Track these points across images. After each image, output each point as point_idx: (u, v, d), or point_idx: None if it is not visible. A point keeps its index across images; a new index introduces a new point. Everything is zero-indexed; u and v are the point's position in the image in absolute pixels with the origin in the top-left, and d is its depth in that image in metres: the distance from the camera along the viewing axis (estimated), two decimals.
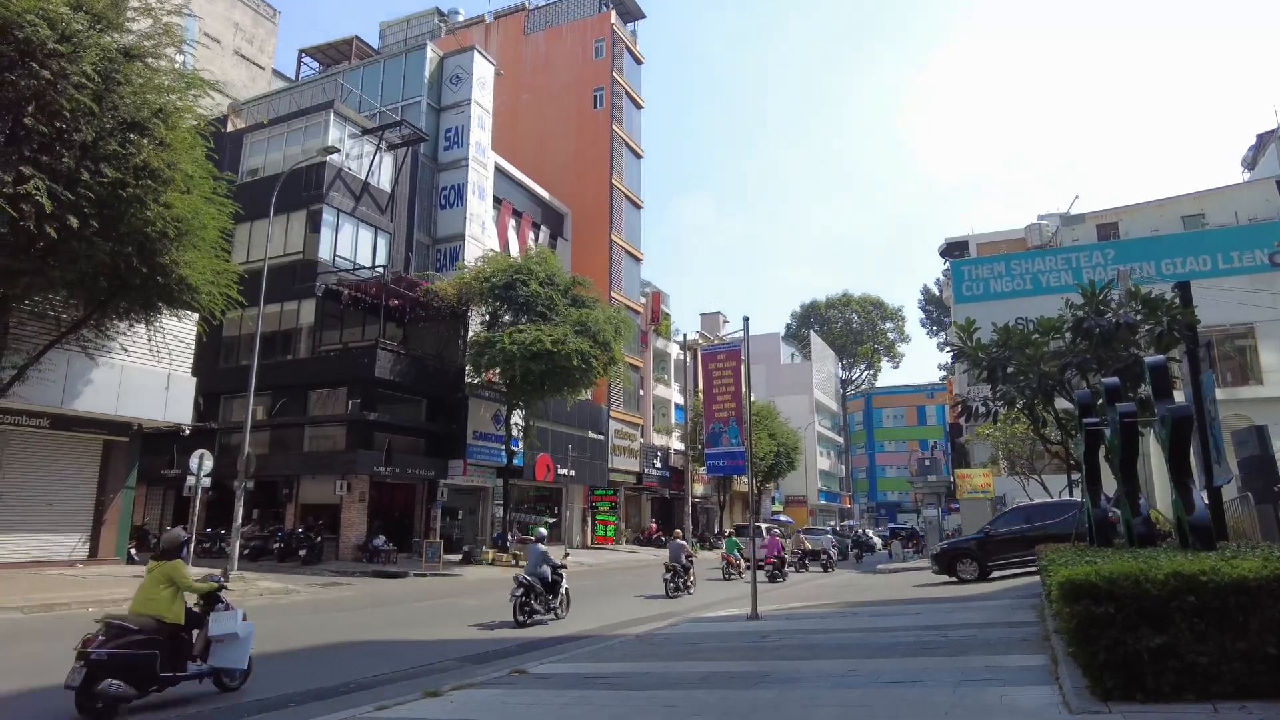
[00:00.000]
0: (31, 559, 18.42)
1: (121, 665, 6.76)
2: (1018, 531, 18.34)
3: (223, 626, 7.71)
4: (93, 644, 6.73)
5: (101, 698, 6.61)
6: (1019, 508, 20.93)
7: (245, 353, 27.09)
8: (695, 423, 45.90)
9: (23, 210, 12.03)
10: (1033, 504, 21.18)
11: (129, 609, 7.44)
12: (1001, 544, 18.49)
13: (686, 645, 10.70)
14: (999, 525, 19.19)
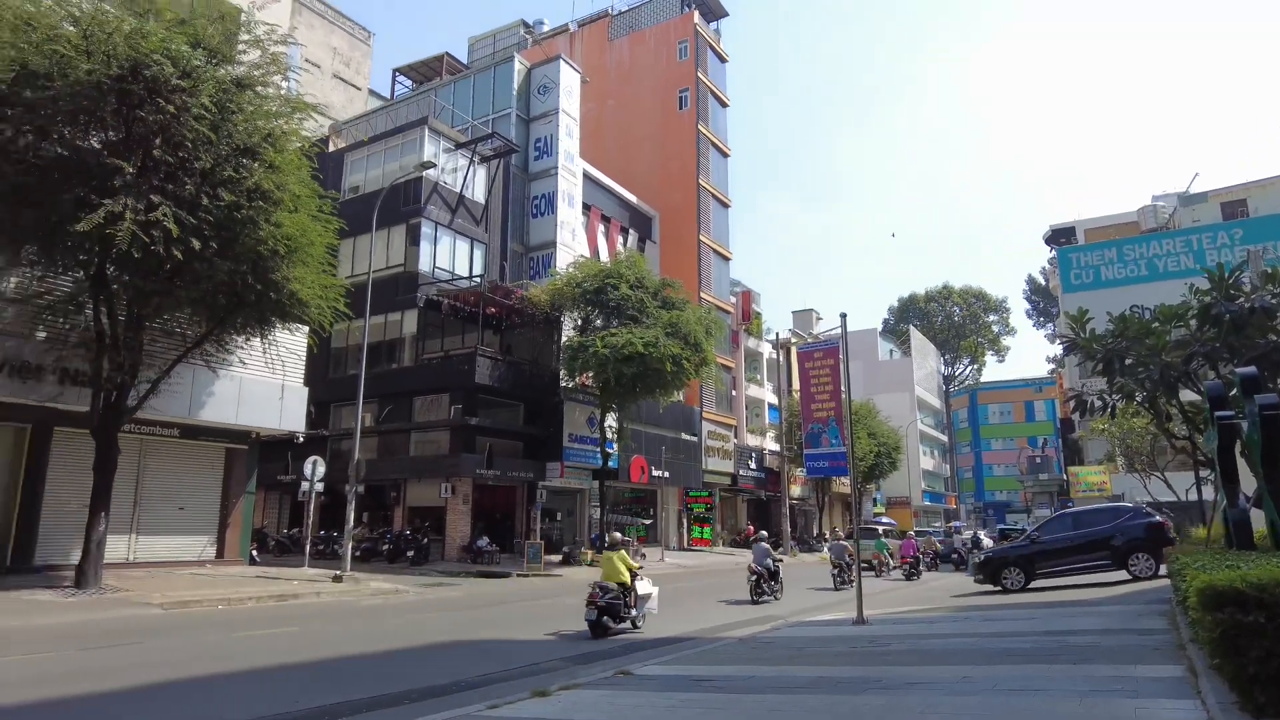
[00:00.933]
0: (166, 559, 19.75)
1: (608, 608, 12.11)
2: (1066, 539, 17.64)
3: (643, 589, 12.86)
4: (596, 597, 12.05)
5: (602, 625, 12.06)
6: (1067, 513, 20.08)
7: (353, 362, 28.33)
8: (790, 423, 45.24)
9: (153, 235, 12.90)
10: (1083, 509, 20.35)
11: (600, 578, 12.54)
12: (1049, 552, 17.69)
13: (791, 649, 10.53)
14: (1046, 532, 18.33)
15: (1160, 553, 16.14)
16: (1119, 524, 17.24)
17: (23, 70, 12.77)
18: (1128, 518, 17.39)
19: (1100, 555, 17.09)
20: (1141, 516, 17.43)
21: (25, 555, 17.16)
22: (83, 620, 12.42)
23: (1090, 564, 17.20)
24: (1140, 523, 17.16)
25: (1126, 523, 17.20)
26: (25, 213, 13.13)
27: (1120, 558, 16.84)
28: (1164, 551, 15.26)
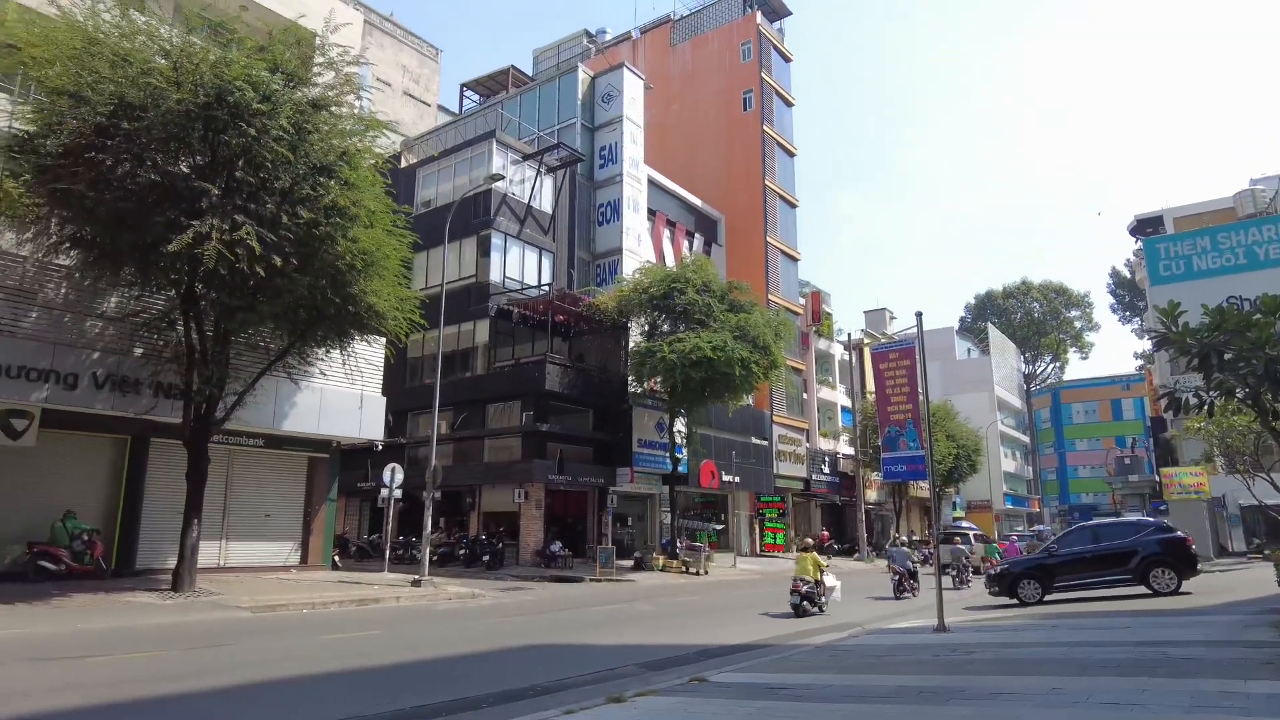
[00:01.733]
0: (254, 564, 20.57)
1: (808, 595, 15.49)
2: (1085, 552, 17.44)
3: (829, 582, 16.32)
4: (799, 587, 15.44)
5: (802, 608, 15.37)
6: (1086, 525, 19.95)
7: (428, 372, 29.04)
8: (864, 426, 44.36)
9: (237, 254, 13.48)
10: (1102, 522, 20.53)
11: (795, 574, 16.07)
12: (1067, 564, 17.39)
13: (870, 657, 10.29)
14: (1064, 544, 18.02)
15: (1181, 568, 16.36)
16: (1139, 539, 17.12)
17: (121, 103, 13.52)
18: (1148, 532, 17.32)
19: (1120, 570, 16.92)
20: (1163, 531, 17.37)
21: (128, 559, 18.13)
22: (180, 622, 13.02)
23: (1109, 578, 17.04)
24: (1162, 538, 17.06)
25: (1147, 537, 17.10)
26: (123, 236, 13.88)
27: (1141, 573, 16.71)
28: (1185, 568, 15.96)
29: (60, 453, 17.52)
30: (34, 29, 15.19)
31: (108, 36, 14.14)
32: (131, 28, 14.41)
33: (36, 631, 11.47)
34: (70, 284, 16.94)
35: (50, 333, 16.56)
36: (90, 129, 13.45)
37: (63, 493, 17.46)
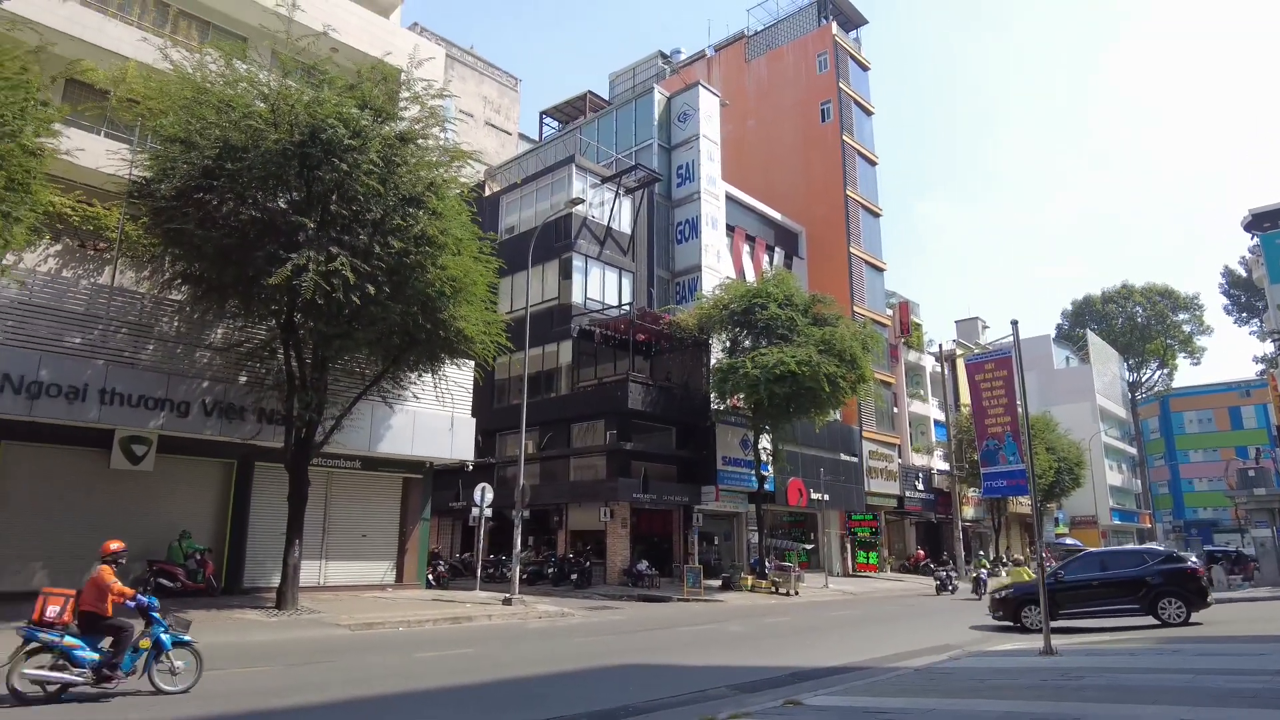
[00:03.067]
0: (351, 583, 21.25)
1: None
2: (1093, 579, 17.14)
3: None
4: None
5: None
6: (1094, 553, 19.76)
7: (514, 393, 29.60)
8: (959, 440, 42.83)
9: (333, 284, 14.09)
10: (1110, 550, 20.44)
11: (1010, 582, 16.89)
12: (1073, 591, 17.06)
13: (972, 680, 9.82)
14: (1071, 572, 17.61)
15: (1191, 599, 16.09)
16: (1149, 568, 16.85)
17: (225, 146, 14.39)
18: (1158, 561, 17.08)
19: (1128, 599, 16.64)
20: (1173, 561, 17.15)
21: (236, 577, 19.02)
22: (284, 639, 13.54)
23: (1117, 607, 16.78)
24: (1171, 568, 16.81)
25: (1157, 566, 16.81)
26: (228, 270, 14.70)
27: (1150, 602, 16.43)
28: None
29: (174, 476, 18.57)
30: (150, 84, 16.38)
31: (213, 85, 15.11)
32: (234, 75, 15.35)
33: None
34: (182, 318, 18.05)
35: (165, 364, 17.65)
36: (198, 172, 14.36)
37: (177, 514, 18.49)
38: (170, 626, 8.82)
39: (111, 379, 16.58)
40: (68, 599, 8.38)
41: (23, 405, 15.46)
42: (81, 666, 8.17)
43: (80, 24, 18.67)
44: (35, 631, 8.10)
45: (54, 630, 8.16)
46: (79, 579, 16.92)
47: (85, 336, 16.77)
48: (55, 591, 8.41)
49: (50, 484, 16.94)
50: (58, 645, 8.08)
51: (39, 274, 16.71)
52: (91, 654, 8.26)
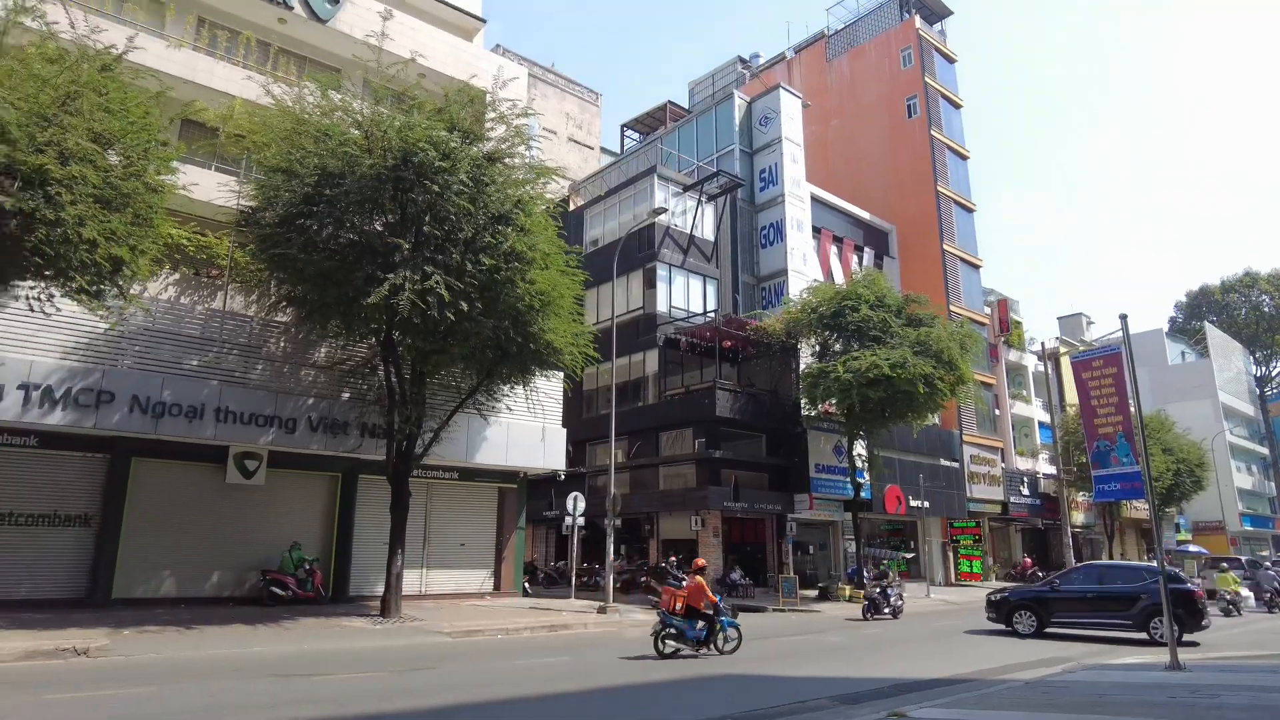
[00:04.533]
0: (451, 591, 21.81)
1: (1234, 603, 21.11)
2: (1088, 591, 17.45)
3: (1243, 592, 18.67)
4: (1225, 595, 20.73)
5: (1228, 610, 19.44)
6: (1092, 565, 19.93)
7: (603, 403, 29.84)
8: (1066, 442, 40.74)
9: (428, 301, 14.56)
10: (1106, 564, 20.76)
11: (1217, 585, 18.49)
12: (1066, 601, 17.47)
13: (1090, 695, 9.28)
14: (1068, 581, 18.05)
15: (1185, 621, 15.98)
16: (1146, 585, 16.79)
17: (323, 173, 15.09)
18: (1155, 580, 16.37)
19: (1121, 614, 16.92)
20: (1173, 581, 16.44)
21: (342, 586, 19.81)
22: (389, 646, 13.99)
23: (1109, 621, 17.12)
24: (1169, 588, 15.56)
25: (1153, 584, 16.46)
26: (330, 291, 15.38)
27: (1143, 620, 16.63)
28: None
29: (284, 489, 19.52)
30: (254, 118, 17.37)
31: (311, 116, 15.90)
32: (330, 106, 16.10)
33: (274, 650, 12.74)
34: (288, 338, 19.02)
35: (273, 382, 18.60)
36: (300, 199, 15.11)
37: (287, 526, 19.41)
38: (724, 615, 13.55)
39: (225, 398, 17.58)
40: (675, 599, 13.35)
41: (149, 424, 16.57)
42: (689, 639, 13.13)
43: (193, 68, 19.97)
44: (670, 617, 13.22)
45: (674, 617, 13.22)
46: (203, 586, 18.09)
47: (201, 359, 17.85)
48: (672, 593, 13.54)
49: (174, 498, 18.08)
50: (677, 626, 13.13)
51: (160, 302, 17.89)
52: (694, 632, 13.16)
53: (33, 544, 16.32)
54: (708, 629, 13.27)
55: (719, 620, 13.42)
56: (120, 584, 16.98)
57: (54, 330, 15.72)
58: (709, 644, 13.30)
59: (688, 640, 13.10)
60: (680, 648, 13.17)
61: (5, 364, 15.16)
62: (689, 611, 13.28)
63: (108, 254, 12.16)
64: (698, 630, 13.19)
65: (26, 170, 11.08)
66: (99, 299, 13.21)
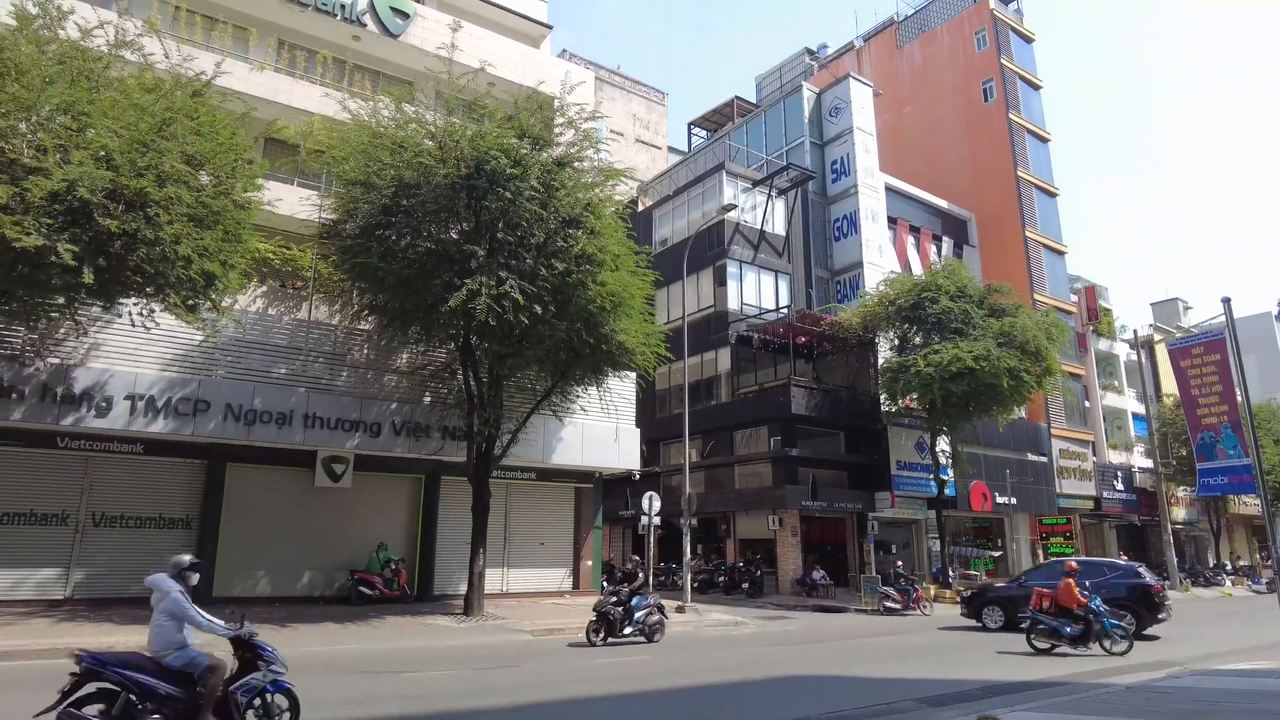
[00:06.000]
0: (532, 590, 22.14)
1: None
2: (1053, 587, 17.16)
3: None
4: None
5: None
6: (1058, 562, 19.50)
7: (675, 402, 29.82)
8: (1163, 433, 38.75)
9: (504, 306, 14.82)
10: (1082, 560, 20.22)
11: None
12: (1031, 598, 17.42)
13: (1198, 702, 8.76)
14: (1035, 578, 18.22)
15: (1142, 614, 16.43)
16: (1107, 580, 17.21)
17: (400, 184, 15.54)
18: (1116, 575, 17.61)
19: None
20: (1131, 576, 17.57)
21: (426, 585, 20.32)
22: (472, 643, 14.29)
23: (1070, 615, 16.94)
24: (1127, 582, 17.31)
25: (1114, 580, 17.30)
26: (409, 299, 15.82)
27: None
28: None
29: (370, 491, 20.15)
30: (332, 134, 18.02)
31: (386, 129, 16.38)
32: (404, 118, 16.56)
33: (363, 648, 13.17)
34: (370, 345, 19.65)
35: (357, 388, 19.24)
36: (378, 210, 15.59)
37: (373, 527, 20.04)
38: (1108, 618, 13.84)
39: (313, 404, 18.27)
40: (1043, 598, 13.98)
41: (242, 431, 17.36)
42: (1064, 637, 13.72)
43: (275, 89, 20.84)
44: (1039, 615, 13.94)
45: (1043, 615, 13.90)
46: (295, 586, 18.83)
47: (289, 367, 18.58)
48: (1043, 592, 14.07)
49: (266, 501, 18.88)
50: (1051, 625, 13.78)
51: (250, 313, 18.71)
52: (1069, 630, 13.72)
53: (141, 545, 17.28)
54: (1084, 629, 13.70)
55: (1100, 621, 13.78)
56: (220, 583, 17.82)
57: (154, 343, 16.62)
58: (1087, 643, 13.68)
59: (1063, 637, 13.76)
60: (1055, 644, 13.92)
61: (114, 376, 16.11)
62: (1059, 611, 13.93)
63: (201, 269, 12.80)
64: (1074, 629, 13.73)
65: (129, 194, 11.75)
66: (194, 312, 13.91)
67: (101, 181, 11.33)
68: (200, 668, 6.41)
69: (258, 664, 6.73)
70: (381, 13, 22.71)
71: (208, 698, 6.35)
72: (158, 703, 6.17)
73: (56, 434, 16.20)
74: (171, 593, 6.54)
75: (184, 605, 6.52)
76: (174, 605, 6.49)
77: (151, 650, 6.41)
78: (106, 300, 13.46)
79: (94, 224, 11.41)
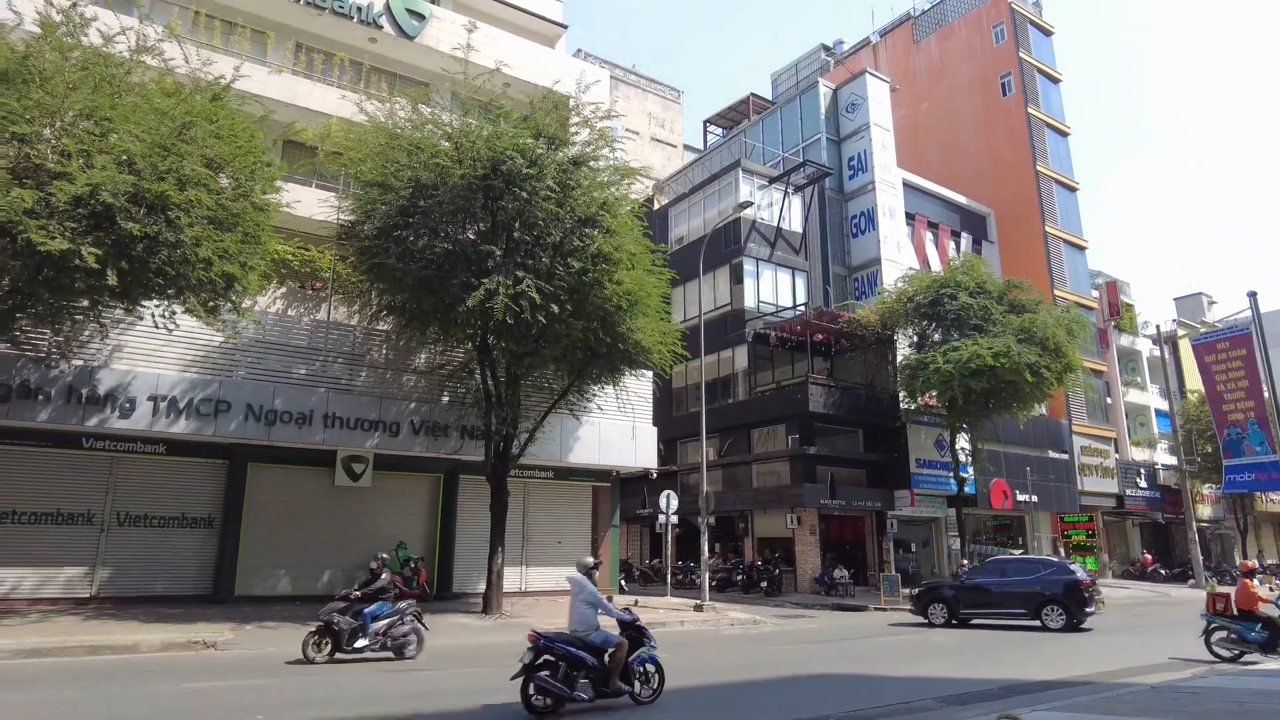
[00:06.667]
0: (550, 588, 22.18)
1: None
2: (992, 584, 18.75)
3: None
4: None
5: None
6: (1000, 560, 20.96)
7: (692, 401, 29.79)
8: (1188, 430, 38.23)
9: (521, 305, 14.86)
10: (1014, 559, 21.81)
11: None
12: (974, 594, 18.82)
13: (1226, 703, 8.64)
14: (975, 575, 19.48)
15: (1071, 609, 17.33)
16: (1040, 576, 18.22)
17: (417, 185, 15.62)
18: (1050, 572, 18.42)
19: (1020, 605, 18.13)
20: (1063, 573, 18.27)
21: (446, 583, 20.43)
22: (493, 641, 14.34)
23: (1010, 610, 18.29)
24: (1059, 578, 18.01)
25: (1047, 576, 18.17)
26: (427, 299, 15.90)
27: (1036, 609, 17.80)
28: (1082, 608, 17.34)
29: (389, 491, 20.27)
30: (350, 136, 18.13)
31: (403, 130, 16.46)
32: (420, 119, 16.64)
33: None
34: (389, 345, 19.77)
35: (376, 388, 19.36)
36: (395, 211, 15.68)
37: (393, 525, 20.16)
38: None
39: (332, 404, 18.40)
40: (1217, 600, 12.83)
41: (263, 431, 17.52)
42: (1250, 643, 12.38)
43: (293, 91, 21.02)
44: (1215, 619, 12.78)
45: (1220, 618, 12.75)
46: (316, 585, 18.98)
47: (309, 367, 18.74)
48: (1218, 594, 12.92)
49: (287, 501, 19.04)
50: (1235, 629, 12.55)
51: (269, 314, 18.88)
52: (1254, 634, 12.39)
53: (165, 544, 17.50)
54: (1271, 634, 12.55)
55: None
56: (242, 582, 18.01)
57: (176, 345, 16.81)
58: (1276, 648, 12.51)
59: (1249, 643, 12.60)
60: (1242, 651, 12.68)
61: (137, 377, 16.31)
62: (1242, 614, 12.81)
63: (221, 271, 12.92)
64: (1258, 634, 12.60)
65: (150, 197, 11.88)
66: (215, 314, 14.06)
67: (124, 185, 11.47)
68: (613, 644, 8.59)
69: (641, 641, 8.85)
70: (397, 15, 22.85)
71: (616, 666, 8.50)
72: (585, 670, 8.38)
73: (82, 435, 16.44)
74: (588, 586, 8.87)
75: (598, 596, 8.82)
76: (592, 596, 8.80)
77: (572, 630, 8.61)
78: (129, 302, 13.62)
79: (117, 227, 11.55)
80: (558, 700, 8.17)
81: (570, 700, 8.23)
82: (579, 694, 8.26)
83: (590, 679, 8.38)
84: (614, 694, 8.47)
